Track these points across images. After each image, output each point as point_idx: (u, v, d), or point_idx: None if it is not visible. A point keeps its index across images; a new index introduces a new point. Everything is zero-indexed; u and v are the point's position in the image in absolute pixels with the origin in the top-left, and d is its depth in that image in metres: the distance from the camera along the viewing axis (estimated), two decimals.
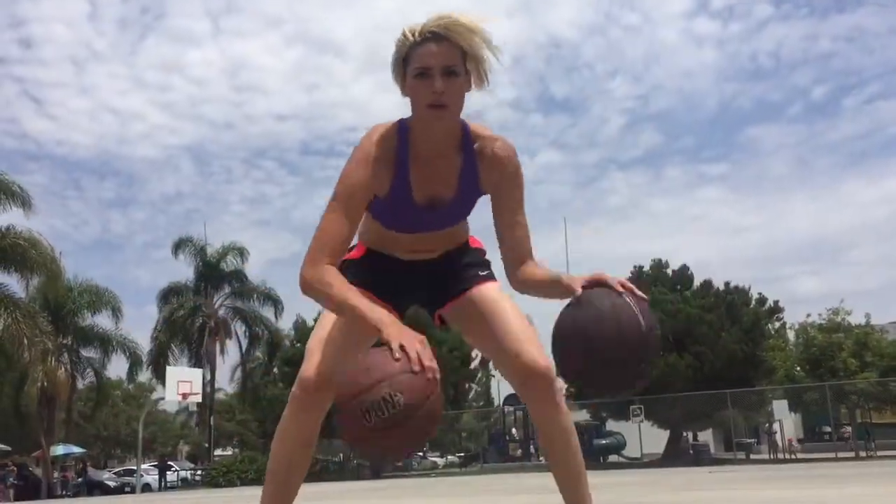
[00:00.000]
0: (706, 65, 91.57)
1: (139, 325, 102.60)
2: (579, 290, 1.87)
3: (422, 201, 2.01)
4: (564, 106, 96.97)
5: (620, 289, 1.84)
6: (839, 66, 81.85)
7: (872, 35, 77.52)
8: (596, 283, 1.90)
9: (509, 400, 30.96)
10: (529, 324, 2.09)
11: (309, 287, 1.86)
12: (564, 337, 1.86)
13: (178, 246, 32.65)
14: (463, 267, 2.17)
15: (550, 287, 2.02)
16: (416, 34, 1.83)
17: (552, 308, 1.99)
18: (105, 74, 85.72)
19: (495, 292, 2.14)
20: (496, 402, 38.40)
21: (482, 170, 1.98)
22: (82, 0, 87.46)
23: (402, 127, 1.96)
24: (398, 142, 1.95)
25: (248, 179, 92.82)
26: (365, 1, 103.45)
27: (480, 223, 2.25)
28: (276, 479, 2.06)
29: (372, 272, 2.15)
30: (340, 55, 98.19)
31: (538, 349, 2.01)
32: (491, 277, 2.20)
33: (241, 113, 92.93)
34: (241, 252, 33.12)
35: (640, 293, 1.85)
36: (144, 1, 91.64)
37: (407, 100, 1.91)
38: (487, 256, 2.27)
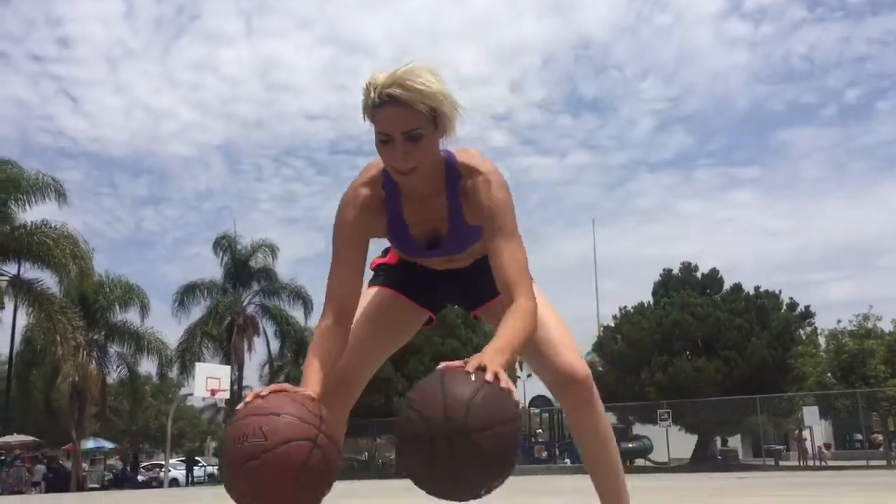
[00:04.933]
0: (738, 66, 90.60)
1: (169, 321, 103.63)
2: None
3: (420, 238, 1.99)
4: (593, 107, 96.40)
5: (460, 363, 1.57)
6: (874, 69, 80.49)
7: None
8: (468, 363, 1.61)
9: (535, 402, 30.86)
10: (567, 330, 2.05)
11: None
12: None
13: (218, 244, 32.82)
14: None
15: None
16: (376, 94, 1.72)
17: (583, 311, 1.96)
18: (139, 73, 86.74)
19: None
20: (522, 404, 38.31)
21: (465, 205, 1.91)
22: (118, 0, 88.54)
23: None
24: (385, 183, 1.92)
25: (277, 178, 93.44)
26: (395, 3, 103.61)
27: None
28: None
29: (405, 275, 2.16)
30: (370, 55, 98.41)
31: (576, 356, 1.99)
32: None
33: (272, 112, 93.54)
34: (272, 249, 33.26)
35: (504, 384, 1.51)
36: (180, 1, 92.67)
37: None
38: None
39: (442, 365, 1.57)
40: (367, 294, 2.15)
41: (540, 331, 1.94)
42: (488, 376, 1.49)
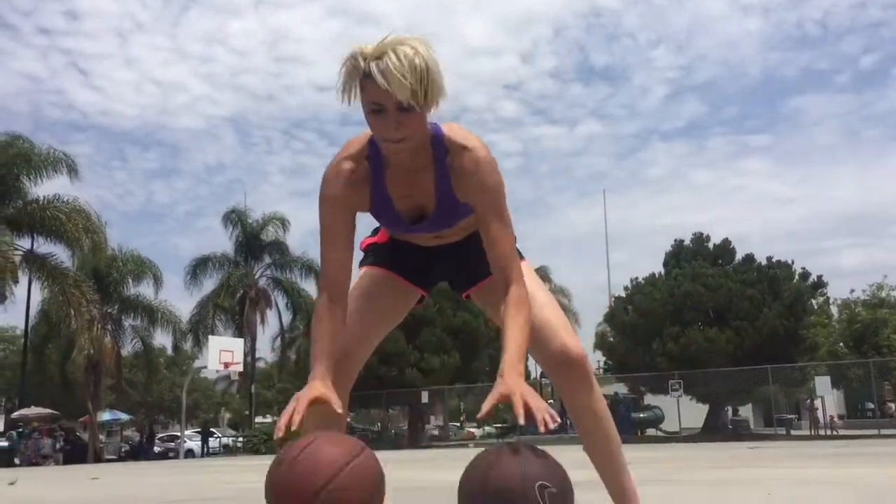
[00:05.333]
0: (751, 33, 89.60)
1: (181, 293, 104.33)
2: (485, 408, 1.71)
3: (405, 212, 1.98)
4: (605, 76, 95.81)
5: (520, 411, 1.64)
6: (889, 34, 79.47)
7: None
8: (505, 399, 1.71)
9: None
10: (558, 309, 2.05)
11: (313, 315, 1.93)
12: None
13: (227, 218, 32.94)
14: None
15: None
16: (366, 64, 1.70)
17: (594, 282, 1.94)
18: (148, 46, 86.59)
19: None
20: (532, 375, 38.43)
21: (454, 180, 1.89)
22: None
23: (372, 141, 1.89)
24: (370, 157, 1.91)
25: (287, 150, 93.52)
26: None
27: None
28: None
29: (396, 253, 2.16)
30: (380, 27, 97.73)
31: (570, 336, 1.99)
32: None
33: (282, 84, 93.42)
34: (283, 222, 33.33)
35: (548, 423, 1.62)
36: None
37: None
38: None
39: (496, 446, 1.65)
40: (360, 274, 2.15)
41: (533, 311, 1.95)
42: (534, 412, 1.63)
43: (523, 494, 1.51)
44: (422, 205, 1.96)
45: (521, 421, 1.63)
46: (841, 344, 27.72)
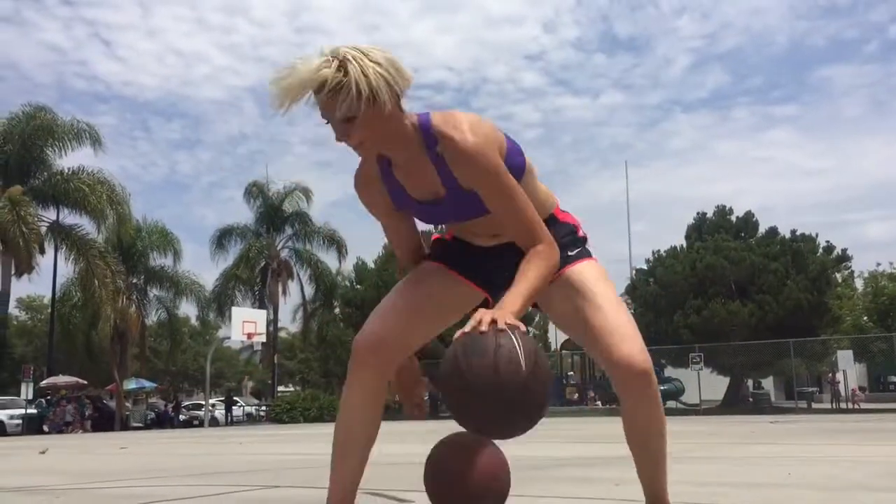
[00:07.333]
0: (778, 1, 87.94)
1: (206, 263, 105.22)
2: (459, 333, 1.70)
3: (422, 200, 1.98)
4: (628, 45, 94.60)
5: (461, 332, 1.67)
6: None
7: None
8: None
9: (566, 344, 31.03)
10: (626, 313, 1.95)
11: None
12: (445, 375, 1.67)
13: (248, 191, 32.99)
14: None
15: None
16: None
17: (615, 253, 1.93)
18: (171, 17, 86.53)
19: (588, 274, 2.01)
20: (553, 347, 38.52)
21: (453, 169, 1.87)
22: None
23: None
24: (379, 157, 1.95)
25: (309, 121, 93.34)
26: None
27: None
28: (335, 450, 2.01)
29: (460, 253, 2.14)
30: None
31: (635, 346, 1.87)
32: (582, 255, 2.07)
33: (303, 54, 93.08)
34: (305, 193, 33.31)
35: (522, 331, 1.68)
36: None
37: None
38: (582, 231, 2.15)
39: (458, 333, 1.67)
40: (419, 268, 2.15)
41: (596, 315, 1.90)
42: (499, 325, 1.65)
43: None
44: (432, 193, 1.96)
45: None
46: (865, 318, 27.50)
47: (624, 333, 1.88)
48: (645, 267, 28.61)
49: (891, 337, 24.37)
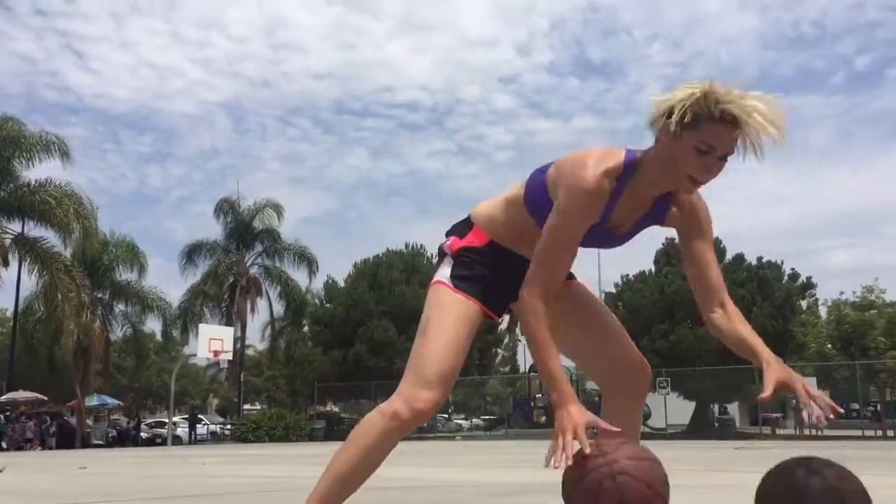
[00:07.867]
0: (747, 31, 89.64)
1: (174, 278, 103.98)
2: (768, 391, 1.87)
3: (612, 225, 2.06)
4: (601, 70, 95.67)
5: (806, 400, 1.81)
6: (885, 35, 79.65)
7: None
8: (784, 387, 1.89)
9: (535, 367, 31.04)
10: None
11: (524, 310, 1.91)
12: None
13: (219, 208, 32.64)
14: None
15: (740, 349, 2.09)
16: (715, 108, 1.76)
17: (583, 276, 2.04)
18: (145, 30, 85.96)
19: (588, 290, 2.26)
20: (522, 369, 38.52)
21: (682, 215, 2.05)
22: None
23: (628, 162, 1.93)
24: (621, 178, 1.94)
25: (283, 137, 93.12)
26: None
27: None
28: (345, 487, 2.05)
29: (491, 268, 2.15)
30: (377, 15, 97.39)
31: (636, 349, 2.20)
32: (573, 277, 2.29)
33: (278, 71, 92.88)
34: (277, 209, 32.99)
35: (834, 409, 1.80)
36: None
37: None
38: None
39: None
40: (457, 300, 2.11)
41: (600, 319, 2.18)
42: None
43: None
44: (621, 226, 2.07)
45: (816, 414, 1.79)
46: (829, 345, 27.90)
47: (629, 340, 2.20)
48: (614, 291, 28.79)
49: (853, 365, 24.72)
